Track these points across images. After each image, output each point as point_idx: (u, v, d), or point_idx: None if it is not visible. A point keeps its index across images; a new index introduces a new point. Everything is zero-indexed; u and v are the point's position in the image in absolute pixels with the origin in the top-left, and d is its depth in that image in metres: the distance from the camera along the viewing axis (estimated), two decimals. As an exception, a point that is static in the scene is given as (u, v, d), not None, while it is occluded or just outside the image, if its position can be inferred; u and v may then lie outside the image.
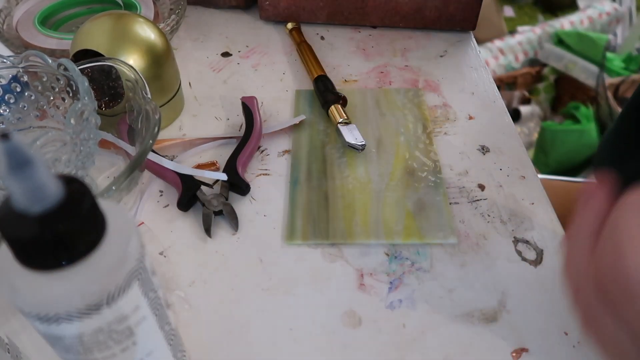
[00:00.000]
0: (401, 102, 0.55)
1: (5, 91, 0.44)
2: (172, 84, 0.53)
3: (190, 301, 0.39)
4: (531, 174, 0.48)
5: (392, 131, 0.52)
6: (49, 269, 0.20)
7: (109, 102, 0.49)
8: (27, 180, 0.18)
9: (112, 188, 0.35)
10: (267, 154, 0.50)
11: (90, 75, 0.44)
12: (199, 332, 0.37)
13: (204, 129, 0.53)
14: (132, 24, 0.50)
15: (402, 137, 0.51)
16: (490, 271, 0.41)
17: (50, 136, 0.46)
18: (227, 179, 0.46)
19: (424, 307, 0.39)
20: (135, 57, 0.48)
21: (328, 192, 0.46)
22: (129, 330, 0.24)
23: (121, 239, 0.22)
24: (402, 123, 0.53)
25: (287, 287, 0.40)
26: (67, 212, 0.20)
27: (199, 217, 0.44)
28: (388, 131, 0.52)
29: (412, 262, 0.41)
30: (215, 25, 0.68)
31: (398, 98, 0.56)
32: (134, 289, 0.23)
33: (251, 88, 0.58)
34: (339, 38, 0.65)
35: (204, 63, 0.62)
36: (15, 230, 0.19)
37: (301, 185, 0.47)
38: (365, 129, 0.52)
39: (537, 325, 0.37)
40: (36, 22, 0.61)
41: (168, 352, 0.28)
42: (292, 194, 0.46)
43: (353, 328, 0.38)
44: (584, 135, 1.52)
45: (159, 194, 0.47)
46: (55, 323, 0.22)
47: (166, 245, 0.43)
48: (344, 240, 0.43)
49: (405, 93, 0.56)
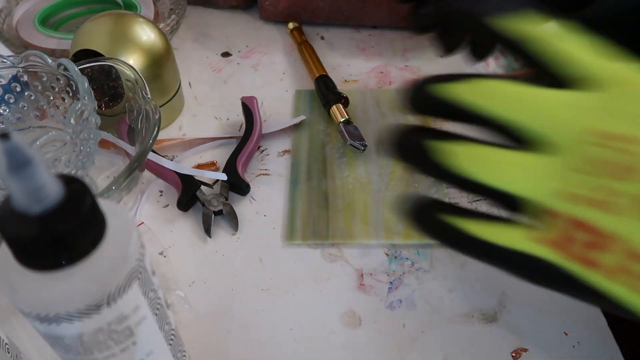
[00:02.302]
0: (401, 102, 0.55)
1: (5, 91, 0.44)
2: (172, 84, 0.53)
3: (190, 301, 0.39)
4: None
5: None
6: (49, 269, 0.20)
7: (109, 102, 0.49)
8: (27, 180, 0.18)
9: (112, 188, 0.35)
10: (267, 154, 0.50)
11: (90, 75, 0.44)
12: (199, 332, 0.37)
13: (204, 129, 0.53)
14: (132, 24, 0.50)
15: None
16: (490, 271, 0.41)
17: (50, 136, 0.46)
18: (227, 179, 0.46)
19: (424, 307, 0.39)
20: (135, 57, 0.48)
21: (328, 192, 0.46)
22: (129, 330, 0.24)
23: (121, 239, 0.22)
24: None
25: (287, 287, 0.40)
26: (67, 212, 0.20)
27: (199, 217, 0.44)
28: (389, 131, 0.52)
29: (412, 262, 0.41)
30: (215, 25, 0.68)
31: (399, 98, 0.56)
32: (134, 289, 0.23)
33: (251, 88, 0.58)
34: (339, 38, 0.65)
35: (204, 63, 0.62)
36: (15, 230, 0.19)
37: (301, 185, 0.47)
38: (366, 129, 0.51)
39: (537, 325, 0.37)
40: (36, 22, 0.61)
41: (168, 352, 0.28)
42: (292, 194, 0.46)
43: (353, 328, 0.38)
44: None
45: (159, 194, 0.47)
46: (55, 323, 0.22)
47: (166, 245, 0.43)
48: (344, 240, 0.43)
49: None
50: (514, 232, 0.23)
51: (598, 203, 0.21)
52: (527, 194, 0.23)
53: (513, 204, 0.23)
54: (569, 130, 0.22)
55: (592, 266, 0.22)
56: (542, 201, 0.22)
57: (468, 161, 0.24)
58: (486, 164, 0.23)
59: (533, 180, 0.23)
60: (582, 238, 0.22)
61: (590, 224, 0.21)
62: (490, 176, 0.23)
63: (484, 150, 0.24)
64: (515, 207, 0.24)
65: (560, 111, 0.23)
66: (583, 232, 0.21)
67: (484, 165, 0.23)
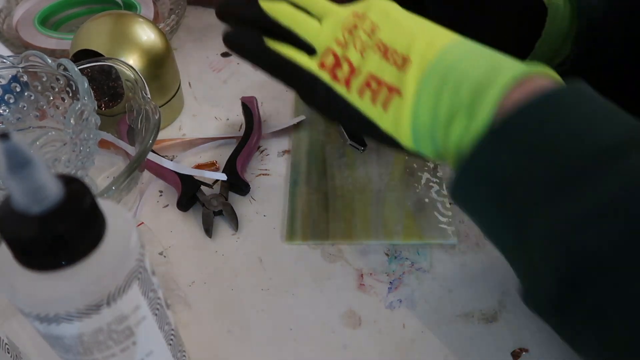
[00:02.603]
0: None
1: (5, 91, 0.44)
2: (172, 84, 0.53)
3: (190, 301, 0.39)
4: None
5: None
6: (49, 269, 0.20)
7: (109, 102, 0.49)
8: (27, 180, 0.18)
9: (112, 188, 0.35)
10: (267, 154, 0.50)
11: (90, 75, 0.44)
12: (199, 332, 0.37)
13: (203, 129, 0.53)
14: (132, 24, 0.50)
15: None
16: (490, 271, 0.41)
17: (50, 136, 0.46)
18: (227, 179, 0.46)
19: (424, 307, 0.39)
20: (135, 57, 0.49)
21: (328, 192, 0.46)
22: (129, 330, 0.24)
23: (121, 239, 0.22)
24: None
25: (287, 287, 0.40)
26: (67, 212, 0.20)
27: (198, 217, 0.44)
28: None
29: (412, 262, 0.41)
30: (215, 25, 0.68)
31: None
32: (134, 289, 0.23)
33: (251, 88, 0.58)
34: (339, 38, 0.65)
35: (204, 63, 0.62)
36: (15, 230, 0.19)
37: (301, 185, 0.47)
38: None
39: (537, 325, 0.37)
40: (36, 22, 0.61)
41: (168, 352, 0.28)
42: (292, 194, 0.46)
43: (353, 328, 0.38)
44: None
45: (159, 194, 0.47)
46: (55, 323, 0.22)
47: (166, 245, 0.43)
48: (344, 240, 0.43)
49: None
50: (306, 58, 0.34)
51: (345, 44, 0.33)
52: (312, 38, 0.34)
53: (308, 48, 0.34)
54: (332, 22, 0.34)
55: (347, 86, 0.33)
56: (319, 42, 0.34)
57: (283, 15, 0.35)
58: (295, 18, 0.35)
59: (318, 31, 0.34)
60: (336, 63, 0.33)
61: (343, 56, 0.33)
62: (295, 25, 0.35)
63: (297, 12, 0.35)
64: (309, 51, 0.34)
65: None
66: (345, 64, 0.33)
67: (293, 17, 0.35)
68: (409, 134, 0.31)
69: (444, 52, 0.30)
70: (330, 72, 0.33)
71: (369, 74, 0.32)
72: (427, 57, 0.30)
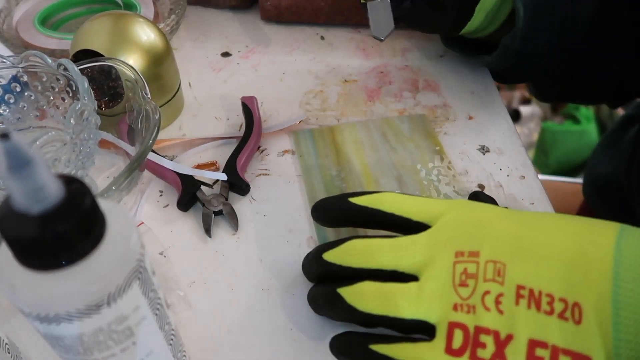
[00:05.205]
0: (408, 131, 0.51)
1: (5, 91, 0.44)
2: (172, 84, 0.53)
3: (190, 301, 0.39)
4: (531, 174, 0.48)
5: (409, 168, 0.48)
6: (49, 269, 0.20)
7: (109, 102, 0.49)
8: (27, 180, 0.18)
9: (112, 188, 0.36)
10: (267, 154, 0.50)
11: (90, 75, 0.44)
12: (199, 332, 0.37)
13: (203, 129, 0.53)
14: (132, 24, 0.50)
15: (423, 172, 0.47)
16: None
17: (50, 136, 0.46)
18: (227, 179, 0.46)
19: (424, 307, 0.39)
20: (135, 57, 0.48)
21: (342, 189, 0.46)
22: (129, 330, 0.24)
23: (121, 239, 0.22)
24: (417, 157, 0.49)
25: (287, 287, 0.40)
26: (67, 212, 0.20)
27: (199, 217, 0.44)
28: (405, 168, 0.48)
29: (412, 262, 0.41)
30: (215, 25, 0.68)
31: (403, 127, 0.52)
32: (134, 289, 0.23)
33: (251, 88, 0.58)
34: (339, 38, 0.65)
35: (204, 63, 0.62)
36: (15, 230, 0.19)
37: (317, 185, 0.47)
38: (382, 167, 0.48)
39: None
40: (36, 22, 0.61)
41: (168, 352, 0.28)
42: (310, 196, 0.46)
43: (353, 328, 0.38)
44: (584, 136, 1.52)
45: (159, 194, 0.47)
46: (55, 323, 0.22)
47: (166, 245, 0.43)
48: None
49: (409, 121, 0.52)
50: (424, 347, 0.26)
51: (469, 307, 0.25)
52: (422, 315, 0.27)
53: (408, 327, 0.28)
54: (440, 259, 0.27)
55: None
56: (431, 316, 0.26)
57: (369, 304, 0.29)
58: (384, 298, 0.28)
59: (420, 298, 0.27)
60: (470, 341, 0.24)
61: (477, 327, 0.24)
62: (388, 309, 0.28)
63: (383, 287, 0.29)
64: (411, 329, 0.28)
65: (417, 248, 0.29)
66: (484, 336, 0.24)
67: (383, 299, 0.28)
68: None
69: (619, 279, 0.22)
70: (471, 358, 0.24)
71: (529, 340, 0.23)
72: (603, 295, 0.22)
